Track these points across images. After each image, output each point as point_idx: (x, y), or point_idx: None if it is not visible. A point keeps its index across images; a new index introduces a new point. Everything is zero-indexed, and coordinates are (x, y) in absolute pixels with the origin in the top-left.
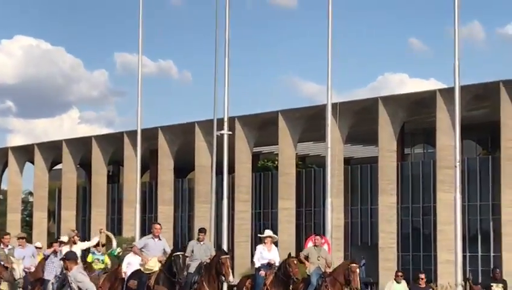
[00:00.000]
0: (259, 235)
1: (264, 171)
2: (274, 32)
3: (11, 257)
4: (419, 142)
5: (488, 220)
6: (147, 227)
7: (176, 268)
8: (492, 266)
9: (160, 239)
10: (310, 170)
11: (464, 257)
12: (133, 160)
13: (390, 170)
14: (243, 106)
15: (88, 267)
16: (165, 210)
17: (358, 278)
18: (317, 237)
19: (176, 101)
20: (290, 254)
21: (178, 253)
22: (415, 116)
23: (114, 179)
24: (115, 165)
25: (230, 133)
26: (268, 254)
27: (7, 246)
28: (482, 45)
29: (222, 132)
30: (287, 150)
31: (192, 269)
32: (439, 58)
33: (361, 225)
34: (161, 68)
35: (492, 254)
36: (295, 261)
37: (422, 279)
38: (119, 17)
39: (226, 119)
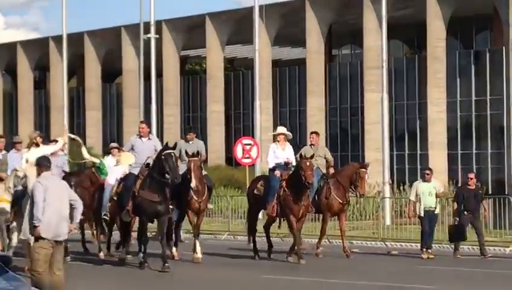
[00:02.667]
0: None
1: (192, 74)
2: None
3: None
4: (347, 43)
5: (414, 119)
6: (75, 133)
7: (168, 167)
8: (419, 165)
9: (150, 139)
10: (238, 73)
11: (391, 155)
12: (59, 66)
13: (318, 71)
14: (170, 9)
15: None
16: (93, 115)
17: (365, 185)
18: (313, 134)
19: (103, 5)
20: (301, 154)
21: (169, 151)
22: (342, 17)
23: (41, 85)
24: (41, 71)
25: (158, 36)
26: (282, 153)
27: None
28: None
29: (149, 35)
30: (214, 53)
31: (181, 172)
32: None
33: (290, 126)
34: None
35: (418, 153)
36: (308, 163)
37: (471, 179)
38: None
39: (152, 22)
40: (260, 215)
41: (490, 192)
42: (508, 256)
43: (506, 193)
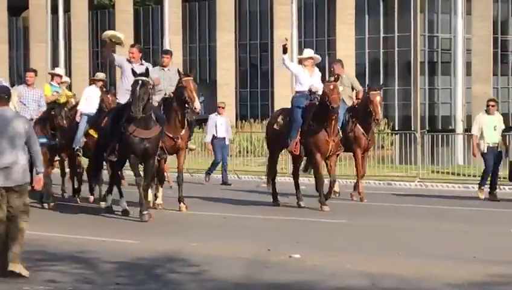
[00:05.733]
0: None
1: (101, 9)
2: None
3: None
4: None
5: (324, 55)
6: None
7: (131, 97)
8: None
9: (142, 64)
10: (148, 8)
11: None
12: None
13: (228, 6)
14: None
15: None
16: (0, 49)
17: (379, 109)
18: (335, 63)
19: None
20: (325, 78)
21: (138, 78)
22: None
23: None
24: None
25: None
26: (309, 79)
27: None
28: None
29: None
30: None
31: (155, 103)
32: None
33: (200, 62)
34: None
35: None
36: (331, 86)
37: None
38: None
39: None
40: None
41: (397, 128)
42: (414, 191)
43: (413, 128)
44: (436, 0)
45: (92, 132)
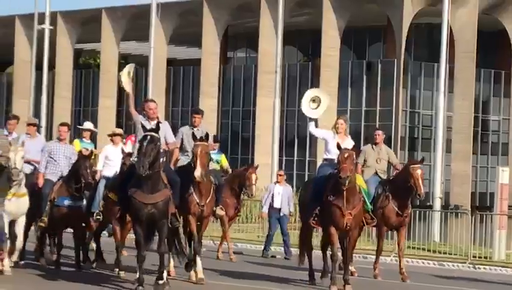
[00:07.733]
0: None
1: (86, 68)
2: None
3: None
4: (242, 47)
5: (305, 125)
6: None
7: (137, 153)
8: (308, 171)
9: (160, 121)
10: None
11: (280, 160)
12: None
13: (212, 72)
14: (66, 1)
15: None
16: None
17: (421, 182)
18: (378, 131)
19: None
20: (338, 145)
21: (147, 133)
22: (239, 20)
23: None
24: None
25: (52, 28)
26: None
27: (11, 133)
28: None
29: (43, 26)
30: (109, 48)
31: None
32: None
33: (182, 126)
34: None
35: (307, 159)
36: (346, 154)
37: None
38: None
39: (47, 13)
40: None
41: None
42: (389, 266)
43: None
44: (419, 76)
45: (112, 195)
